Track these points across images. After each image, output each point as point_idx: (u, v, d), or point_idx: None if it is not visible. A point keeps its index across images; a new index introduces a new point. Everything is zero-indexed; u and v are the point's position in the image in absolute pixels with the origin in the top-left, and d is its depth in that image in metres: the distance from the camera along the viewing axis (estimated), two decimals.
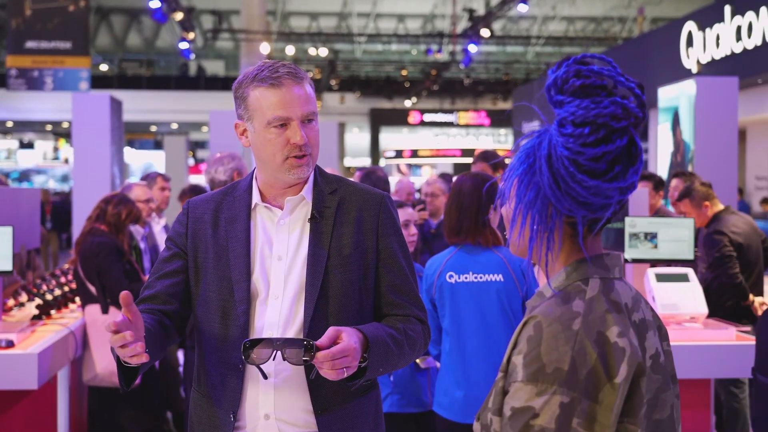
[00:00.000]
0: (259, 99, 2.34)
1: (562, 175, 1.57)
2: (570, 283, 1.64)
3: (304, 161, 2.36)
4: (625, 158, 1.59)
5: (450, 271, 4.01)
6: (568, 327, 1.54)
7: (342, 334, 2.14)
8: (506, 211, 1.75)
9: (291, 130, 2.33)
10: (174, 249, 2.47)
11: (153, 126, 39.49)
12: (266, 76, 2.33)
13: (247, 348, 2.12)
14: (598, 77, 1.60)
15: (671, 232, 4.76)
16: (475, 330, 3.95)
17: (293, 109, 2.32)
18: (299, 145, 2.33)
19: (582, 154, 1.55)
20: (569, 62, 1.63)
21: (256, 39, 24.55)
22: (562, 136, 1.58)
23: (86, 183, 9.98)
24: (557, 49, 35.76)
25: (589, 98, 1.58)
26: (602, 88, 1.59)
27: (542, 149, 1.61)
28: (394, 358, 2.32)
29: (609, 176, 1.57)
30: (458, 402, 3.94)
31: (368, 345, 2.22)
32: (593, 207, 1.60)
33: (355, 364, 2.14)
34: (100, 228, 5.38)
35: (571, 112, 1.57)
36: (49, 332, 4.76)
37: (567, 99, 1.60)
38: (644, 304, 1.71)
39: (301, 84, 2.35)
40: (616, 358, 1.53)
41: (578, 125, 1.57)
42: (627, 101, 1.58)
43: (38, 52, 23.76)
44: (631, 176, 1.60)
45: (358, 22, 35.68)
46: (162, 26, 34.13)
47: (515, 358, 1.57)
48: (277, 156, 2.35)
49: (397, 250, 2.46)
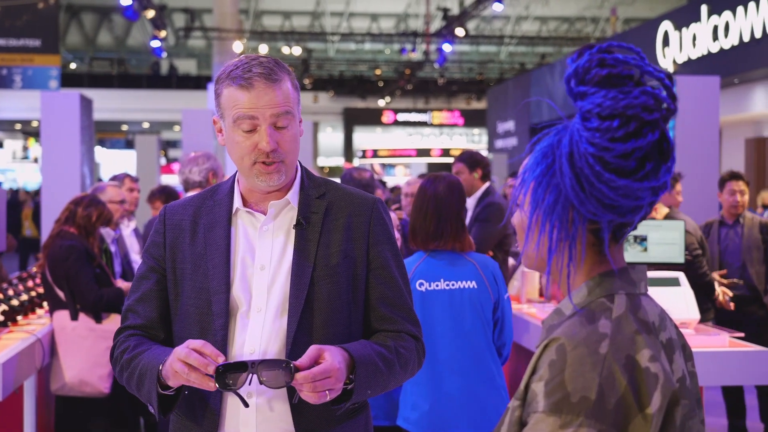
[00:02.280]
0: (228, 98, 2.16)
1: (586, 175, 1.39)
2: (593, 300, 1.46)
3: (273, 168, 2.16)
4: (656, 154, 1.42)
5: (420, 278, 3.83)
6: (594, 351, 1.36)
7: (324, 353, 1.97)
8: (519, 219, 1.56)
9: (259, 134, 2.14)
10: (150, 262, 2.28)
11: (124, 125, 39.13)
12: (238, 75, 2.14)
13: (221, 373, 1.95)
14: (625, 66, 1.42)
15: (661, 235, 4.63)
16: (448, 340, 3.79)
17: (261, 111, 2.13)
18: (266, 152, 2.13)
19: (610, 150, 1.38)
20: (592, 50, 1.45)
21: (228, 38, 24.32)
22: (588, 130, 1.39)
23: (55, 183, 9.78)
24: (530, 48, 35.77)
25: (616, 88, 1.40)
26: (629, 78, 1.42)
27: (563, 147, 1.43)
28: (383, 379, 2.13)
29: (640, 175, 1.39)
30: (427, 416, 3.78)
31: (354, 365, 2.05)
32: (622, 210, 1.42)
33: (339, 386, 1.97)
34: (70, 231, 5.17)
35: (597, 104, 1.39)
36: (14, 340, 4.57)
37: (591, 90, 1.42)
38: (670, 322, 1.54)
39: (276, 85, 2.14)
40: (648, 386, 1.35)
41: (605, 118, 1.39)
42: (658, 91, 1.41)
43: (6, 49, 23.48)
44: (663, 174, 1.42)
45: (332, 21, 35.50)
46: (133, 24, 33.79)
47: (535, 385, 1.38)
48: (245, 160, 2.16)
49: (389, 260, 2.27)
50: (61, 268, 5.04)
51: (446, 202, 3.81)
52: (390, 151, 35.82)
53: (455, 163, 6.23)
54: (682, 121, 8.91)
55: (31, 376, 4.72)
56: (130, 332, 2.25)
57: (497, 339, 3.88)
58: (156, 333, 2.26)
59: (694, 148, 8.83)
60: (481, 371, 3.80)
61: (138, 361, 2.14)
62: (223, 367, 1.95)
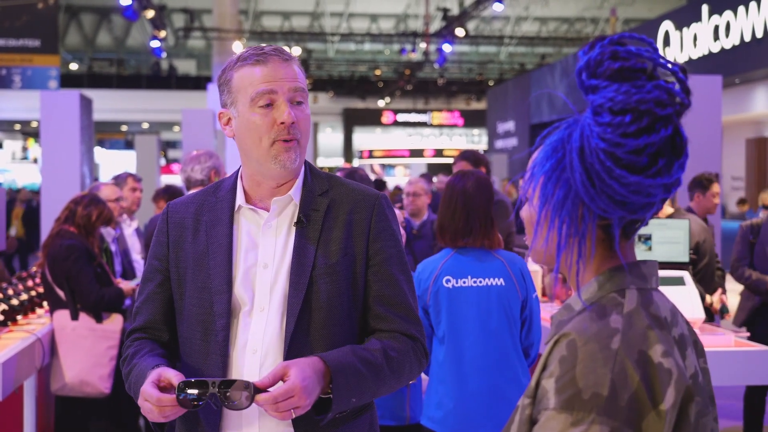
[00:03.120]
0: (242, 77, 2.10)
1: (596, 171, 1.35)
2: (603, 295, 1.42)
3: (292, 145, 2.11)
4: (669, 150, 1.38)
5: (447, 275, 3.78)
6: (606, 346, 1.32)
7: (290, 371, 1.91)
8: (528, 214, 1.52)
9: (278, 109, 2.09)
10: (154, 263, 2.23)
11: (124, 125, 39.11)
12: (250, 54, 2.10)
13: (182, 389, 1.90)
14: (638, 59, 1.38)
15: (666, 234, 4.60)
16: (474, 337, 3.74)
17: (280, 84, 2.08)
18: (287, 125, 2.08)
19: (622, 146, 1.33)
20: (604, 42, 1.40)
21: (228, 38, 24.30)
22: (599, 125, 1.35)
23: (55, 183, 9.76)
24: (530, 49, 35.78)
25: (629, 82, 1.36)
26: (642, 72, 1.38)
27: (573, 141, 1.38)
28: (369, 386, 2.07)
29: (652, 171, 1.35)
30: (452, 414, 3.74)
31: (331, 375, 1.99)
32: (633, 207, 1.38)
33: (304, 403, 1.90)
34: (70, 230, 5.14)
35: (609, 98, 1.35)
36: (14, 340, 4.53)
37: (603, 83, 1.37)
38: (681, 318, 1.50)
39: (289, 63, 2.12)
40: (661, 382, 1.31)
41: (617, 113, 1.35)
42: (671, 85, 1.38)
43: (5, 50, 23.44)
44: (676, 171, 1.38)
45: (331, 21, 35.49)
46: (132, 25, 33.78)
47: (545, 381, 1.34)
48: (264, 140, 2.10)
49: (390, 257, 2.20)
50: (61, 267, 5.01)
51: (475, 198, 3.77)
52: (385, 152, 35.81)
53: (457, 161, 6.17)
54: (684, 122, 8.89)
55: (31, 375, 4.69)
56: (135, 336, 2.22)
57: (525, 338, 3.83)
58: (159, 334, 2.22)
59: (696, 149, 8.75)
60: (507, 370, 3.75)
61: (132, 376, 2.11)
62: (184, 384, 1.90)
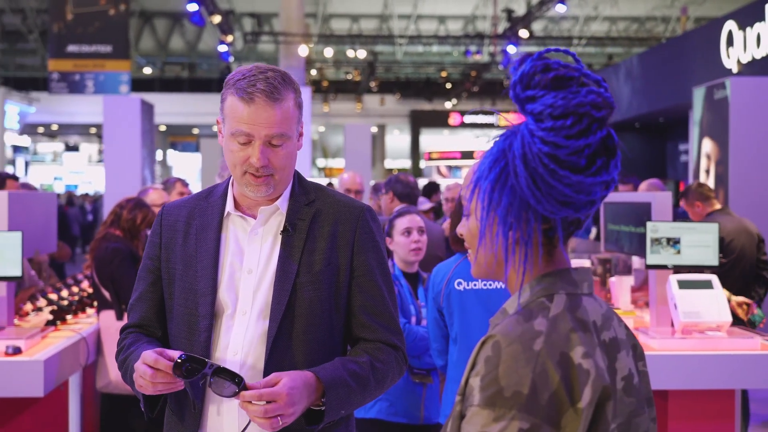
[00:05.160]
0: (230, 107, 2.22)
1: (540, 174, 1.44)
2: (533, 299, 1.52)
3: (262, 181, 2.22)
4: (603, 151, 1.48)
5: (458, 278, 3.90)
6: (528, 347, 1.41)
7: (281, 380, 2.02)
8: (468, 228, 1.61)
9: (252, 148, 2.20)
10: (147, 262, 2.37)
11: (195, 128, 39.72)
12: (242, 87, 2.19)
13: (179, 364, 2.02)
14: (568, 69, 1.49)
15: (695, 238, 4.59)
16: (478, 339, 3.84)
17: (257, 129, 2.18)
18: (256, 167, 2.19)
19: (564, 147, 1.44)
20: (533, 57, 1.51)
21: (294, 41, 24.55)
22: (542, 130, 1.45)
23: (117, 186, 10.02)
24: (599, 49, 35.37)
25: (563, 90, 1.47)
26: (573, 80, 1.49)
27: (515, 149, 1.48)
28: (356, 398, 2.19)
29: (592, 170, 1.46)
30: None
31: (324, 389, 2.10)
32: (576, 206, 1.48)
33: (288, 411, 2.00)
34: (115, 233, 5.33)
35: (549, 104, 1.46)
36: (59, 338, 4.71)
37: (540, 93, 1.48)
38: (617, 323, 1.59)
39: (276, 105, 2.18)
40: (580, 382, 1.40)
41: (558, 117, 1.45)
42: (602, 90, 1.48)
43: (79, 55, 24.01)
44: (613, 169, 1.49)
45: (399, 23, 35.58)
46: (204, 29, 34.29)
47: (472, 380, 1.44)
48: (237, 169, 2.23)
49: (374, 268, 2.31)
50: (106, 269, 5.19)
51: None
52: (440, 153, 35.75)
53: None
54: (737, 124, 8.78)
55: (75, 373, 4.88)
56: (129, 330, 2.35)
57: None
58: (153, 331, 2.35)
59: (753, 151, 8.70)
60: None
61: (128, 362, 2.24)
62: (186, 357, 2.02)
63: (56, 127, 38.98)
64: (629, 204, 5.31)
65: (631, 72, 20.51)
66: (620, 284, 5.51)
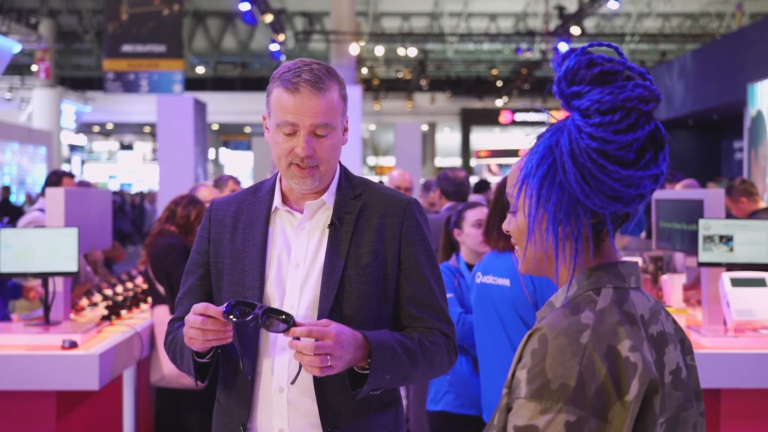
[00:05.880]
0: (276, 99, 2.26)
1: (589, 169, 1.46)
2: (581, 293, 1.53)
3: (307, 173, 2.26)
4: (652, 144, 1.49)
5: (479, 270, 4.02)
6: (575, 340, 1.42)
7: (332, 324, 2.07)
8: (516, 225, 1.62)
9: (297, 139, 2.24)
10: (196, 257, 2.41)
11: (247, 127, 40.03)
12: (287, 78, 2.24)
13: (231, 305, 2.07)
14: (613, 63, 1.50)
15: (748, 235, 4.54)
16: (491, 332, 3.90)
17: (302, 118, 2.22)
18: (301, 157, 2.23)
19: (612, 142, 1.44)
20: (577, 53, 1.52)
21: (345, 40, 24.64)
22: (590, 126, 1.46)
23: (171, 183, 10.14)
24: (652, 46, 35.01)
25: (609, 85, 1.48)
26: (618, 74, 1.49)
27: (563, 146, 1.49)
28: (404, 367, 2.19)
29: (641, 164, 1.46)
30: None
31: (370, 349, 2.13)
32: (626, 200, 1.49)
33: (337, 352, 2.02)
34: (170, 229, 5.41)
35: (596, 100, 1.46)
36: (114, 333, 4.79)
37: (585, 88, 1.49)
38: (665, 317, 1.59)
39: (321, 94, 2.23)
40: (627, 374, 1.40)
41: (606, 112, 1.46)
42: (647, 83, 1.49)
43: (134, 55, 24.34)
44: (661, 162, 1.49)
45: (450, 21, 35.51)
46: (256, 29, 34.55)
47: (519, 372, 1.45)
48: (282, 161, 2.27)
49: (421, 260, 2.33)
50: (161, 265, 5.27)
51: (499, 201, 3.91)
52: (487, 152, 35.64)
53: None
54: None
55: (129, 367, 4.96)
56: (177, 324, 2.40)
57: None
58: None
59: None
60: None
61: (176, 339, 2.30)
62: (236, 301, 2.07)
63: (111, 126, 39.53)
64: (681, 201, 5.26)
65: (685, 69, 20.28)
66: (672, 282, 5.46)
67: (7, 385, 4.23)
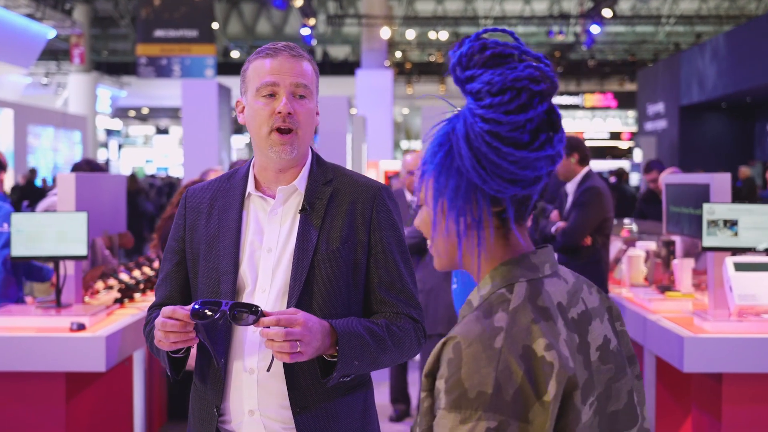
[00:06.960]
0: (254, 69, 2.33)
1: (484, 153, 1.44)
2: (493, 291, 1.51)
3: (288, 139, 2.28)
4: (547, 126, 1.48)
5: None
6: (489, 346, 1.40)
7: (299, 312, 2.11)
8: (422, 218, 1.60)
9: (278, 99, 2.29)
10: (173, 243, 2.46)
11: None
12: (264, 49, 2.34)
13: (197, 310, 2.12)
14: (505, 47, 1.50)
15: (753, 220, 4.52)
16: None
17: (282, 77, 2.28)
18: (283, 115, 2.27)
19: (505, 124, 1.43)
20: (470, 38, 1.52)
21: (377, 24, 24.61)
22: (481, 108, 1.45)
23: (195, 167, 10.22)
24: (689, 28, 34.59)
25: (501, 66, 1.48)
26: (511, 57, 1.49)
27: (458, 131, 1.48)
28: (371, 352, 2.23)
29: (536, 145, 1.45)
30: None
31: (338, 336, 2.17)
32: (524, 183, 1.47)
33: (307, 338, 2.07)
34: None
35: (487, 81, 1.46)
36: (124, 316, 4.86)
37: (478, 72, 1.48)
38: (587, 292, 1.58)
39: (298, 59, 2.32)
40: (544, 374, 1.39)
41: (497, 93, 1.45)
42: (540, 65, 1.48)
43: (166, 40, 24.54)
44: (557, 143, 1.49)
45: (484, 4, 35.32)
46: (290, 13, 34.61)
47: (438, 382, 1.44)
48: (263, 128, 2.30)
49: (391, 245, 2.35)
50: None
51: None
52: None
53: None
54: None
55: (138, 349, 5.04)
56: (156, 309, 2.44)
57: None
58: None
59: None
60: None
61: (153, 332, 2.34)
62: (201, 302, 2.12)
63: (147, 111, 39.88)
64: (689, 185, 5.24)
65: (718, 51, 20.03)
66: (682, 267, 5.45)
67: (18, 366, 4.33)
